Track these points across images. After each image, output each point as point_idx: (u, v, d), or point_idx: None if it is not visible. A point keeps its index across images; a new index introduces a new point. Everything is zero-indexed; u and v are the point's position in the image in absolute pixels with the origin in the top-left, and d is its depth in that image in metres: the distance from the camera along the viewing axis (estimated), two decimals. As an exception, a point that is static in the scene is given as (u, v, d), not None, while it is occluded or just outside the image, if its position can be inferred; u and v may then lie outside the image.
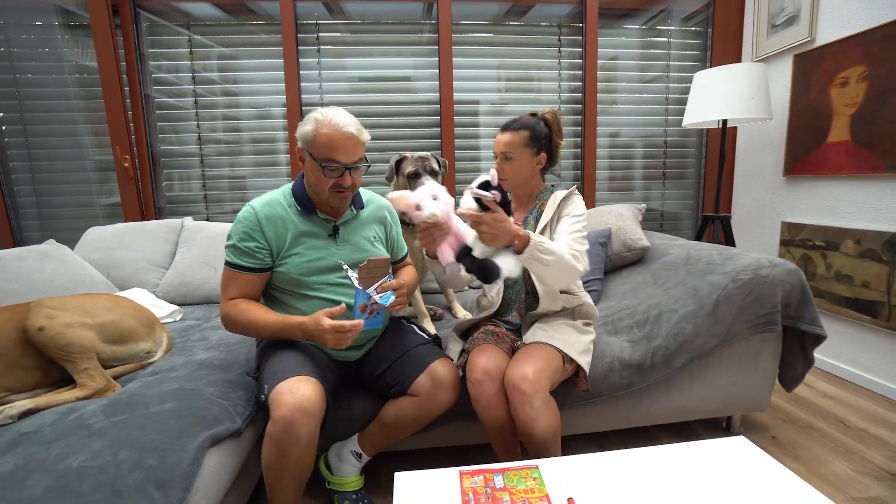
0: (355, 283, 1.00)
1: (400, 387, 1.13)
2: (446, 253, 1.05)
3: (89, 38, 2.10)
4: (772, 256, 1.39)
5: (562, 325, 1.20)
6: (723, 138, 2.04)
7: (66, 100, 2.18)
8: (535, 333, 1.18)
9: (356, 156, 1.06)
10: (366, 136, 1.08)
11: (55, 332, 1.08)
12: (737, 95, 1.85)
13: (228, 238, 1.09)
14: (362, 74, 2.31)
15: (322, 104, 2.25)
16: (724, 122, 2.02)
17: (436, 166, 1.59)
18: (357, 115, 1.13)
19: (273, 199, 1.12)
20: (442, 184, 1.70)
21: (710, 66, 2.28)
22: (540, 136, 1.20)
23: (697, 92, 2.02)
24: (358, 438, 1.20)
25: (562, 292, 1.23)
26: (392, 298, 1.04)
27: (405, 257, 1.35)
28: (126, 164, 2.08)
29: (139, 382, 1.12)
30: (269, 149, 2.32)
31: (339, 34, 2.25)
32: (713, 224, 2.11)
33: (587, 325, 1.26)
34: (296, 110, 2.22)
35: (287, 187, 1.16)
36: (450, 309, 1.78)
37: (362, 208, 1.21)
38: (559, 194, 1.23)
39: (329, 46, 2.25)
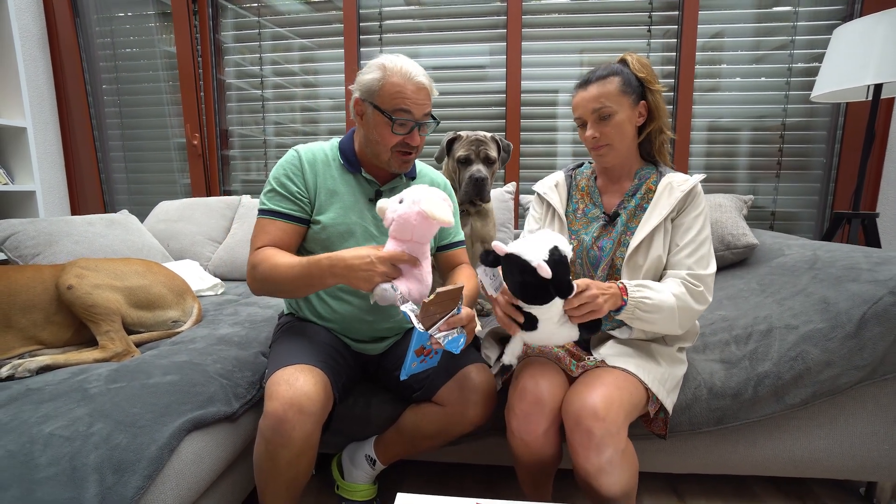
0: (414, 321, 0.74)
1: (423, 392, 0.95)
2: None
3: (174, 24, 2.23)
4: (956, 263, 0.97)
5: (649, 349, 0.90)
6: (872, 112, 1.56)
7: (157, 83, 2.33)
8: (611, 353, 0.88)
9: (426, 108, 0.92)
10: (435, 90, 0.94)
11: (83, 292, 1.07)
12: (903, 49, 1.38)
13: (266, 185, 0.97)
14: (427, 64, 2.17)
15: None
16: (877, 90, 1.54)
17: (493, 152, 1.37)
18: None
19: (318, 147, 1.01)
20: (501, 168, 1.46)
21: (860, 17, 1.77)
22: (632, 81, 0.90)
23: (838, 52, 1.57)
24: (374, 442, 1.04)
25: None
26: (463, 341, 0.78)
27: (460, 244, 1.09)
28: (195, 142, 2.17)
29: (156, 351, 1.08)
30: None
31: (404, 20, 2.12)
32: (849, 224, 1.63)
33: (681, 351, 0.96)
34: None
35: (334, 140, 1.04)
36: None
37: (413, 178, 1.05)
38: (677, 180, 0.91)
39: (392, 34, 2.13)
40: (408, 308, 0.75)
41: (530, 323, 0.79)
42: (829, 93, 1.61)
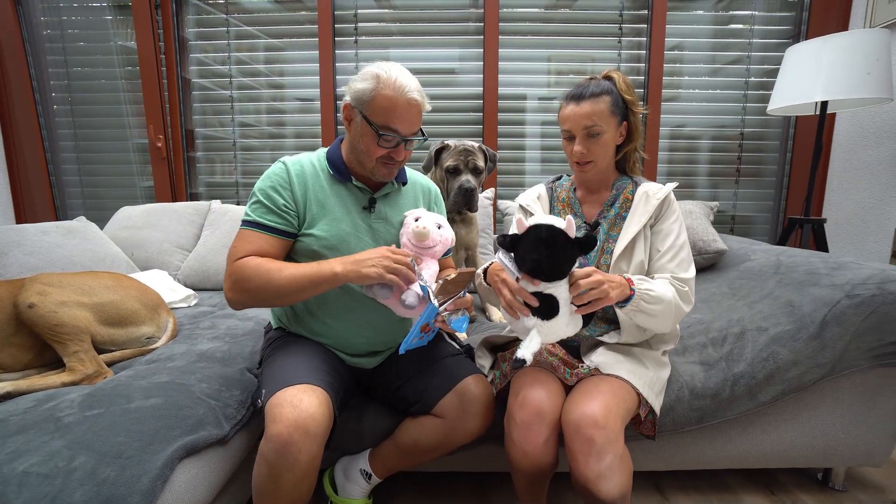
0: (431, 296, 0.79)
1: (422, 405, 0.95)
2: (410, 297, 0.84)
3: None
4: (900, 268, 1.08)
5: (637, 354, 0.95)
6: (820, 126, 1.70)
7: (113, 80, 2.18)
8: (603, 360, 0.91)
9: (416, 126, 0.91)
10: (427, 105, 0.92)
11: (46, 311, 0.99)
12: (846, 71, 1.51)
13: (252, 196, 0.93)
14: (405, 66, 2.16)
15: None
16: (824, 106, 1.68)
17: (480, 162, 1.39)
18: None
19: (305, 158, 0.97)
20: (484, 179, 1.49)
21: (806, 40, 1.93)
22: (619, 102, 0.94)
23: (790, 71, 1.69)
24: (370, 456, 1.02)
25: None
26: (467, 323, 0.86)
27: (449, 251, 1.10)
28: (159, 144, 2.05)
29: (132, 371, 1.01)
30: (300, 144, 2.21)
31: (378, 23, 2.10)
32: (801, 229, 1.77)
33: (665, 354, 1.01)
34: (330, 102, 2.10)
35: (321, 151, 1.00)
36: (483, 310, 1.58)
37: (405, 184, 1.04)
38: (652, 189, 0.97)
39: (366, 37, 2.11)
40: (423, 283, 0.83)
41: (550, 308, 0.80)
42: (783, 107, 1.74)
